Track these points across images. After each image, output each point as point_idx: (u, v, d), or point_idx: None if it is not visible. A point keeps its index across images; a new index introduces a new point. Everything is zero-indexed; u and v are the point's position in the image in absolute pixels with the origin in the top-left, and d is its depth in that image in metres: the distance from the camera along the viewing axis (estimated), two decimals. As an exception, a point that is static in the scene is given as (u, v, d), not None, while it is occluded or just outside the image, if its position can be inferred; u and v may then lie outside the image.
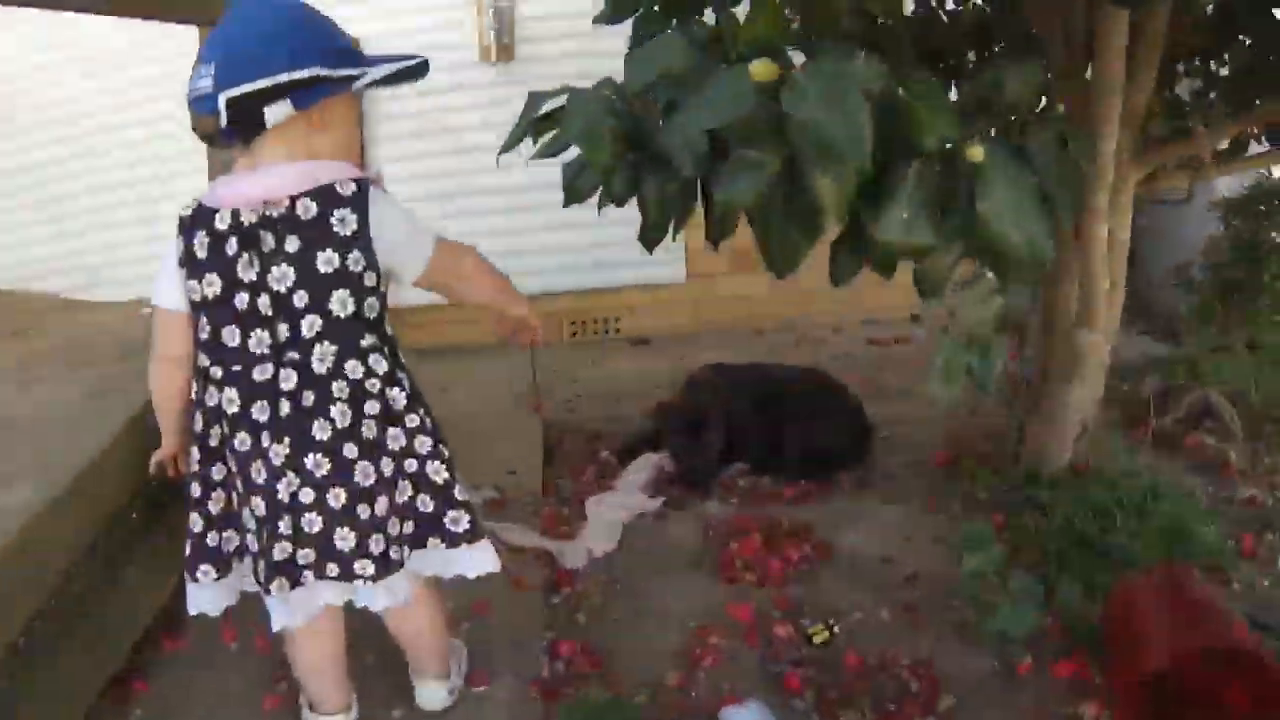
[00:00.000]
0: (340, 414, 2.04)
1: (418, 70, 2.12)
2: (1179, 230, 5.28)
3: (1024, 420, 3.71)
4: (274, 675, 2.61)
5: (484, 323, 2.48)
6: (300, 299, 1.99)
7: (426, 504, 2.22)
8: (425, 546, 2.26)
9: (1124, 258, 3.36)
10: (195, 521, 2.20)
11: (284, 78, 1.89)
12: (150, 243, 5.75)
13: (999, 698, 2.59)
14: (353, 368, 2.05)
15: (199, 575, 2.21)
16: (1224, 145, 3.58)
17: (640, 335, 6.04)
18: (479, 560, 2.30)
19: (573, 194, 2.64)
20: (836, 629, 2.84)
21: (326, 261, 1.97)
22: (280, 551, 2.08)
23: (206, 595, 2.24)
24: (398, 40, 5.61)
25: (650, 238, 3.00)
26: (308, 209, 1.96)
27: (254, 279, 1.99)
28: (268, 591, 2.13)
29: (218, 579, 2.22)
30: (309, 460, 2.04)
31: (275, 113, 1.92)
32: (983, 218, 2.12)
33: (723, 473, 3.97)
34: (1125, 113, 3.05)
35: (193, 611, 2.26)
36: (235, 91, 1.89)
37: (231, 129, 1.94)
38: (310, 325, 2.01)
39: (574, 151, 2.45)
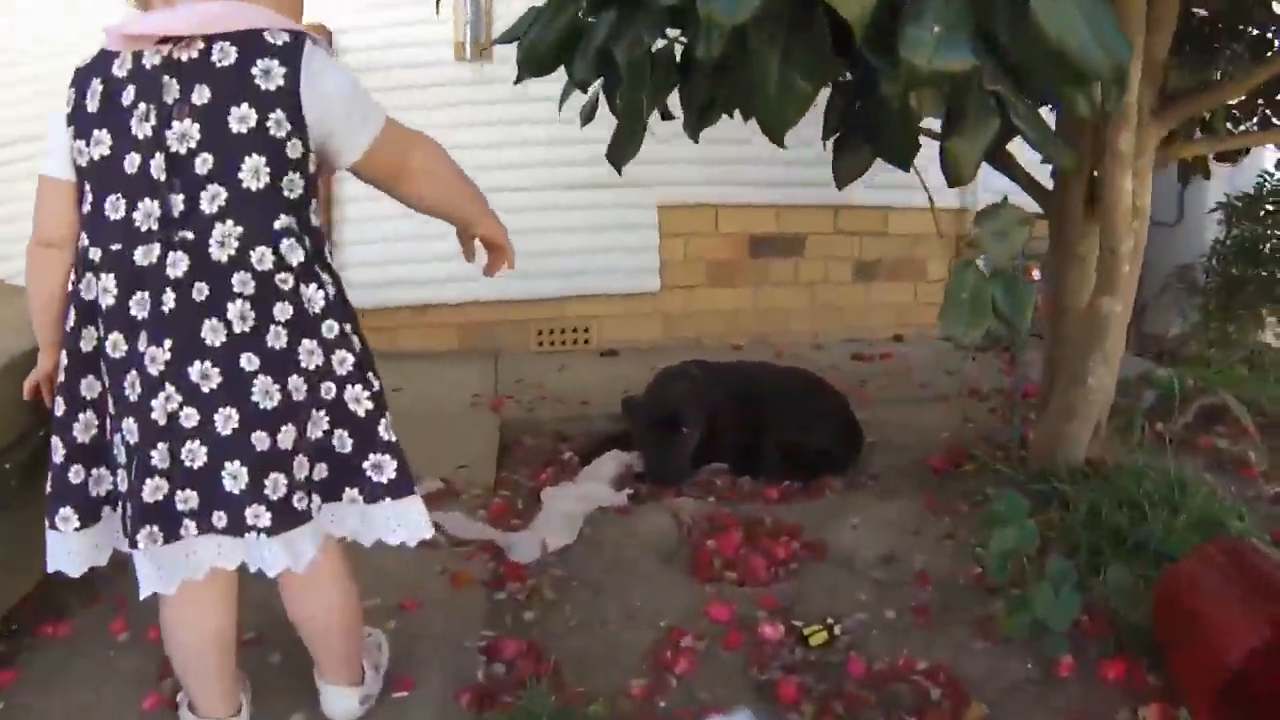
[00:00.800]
0: (239, 314, 1.65)
1: None
2: (1168, 251, 5.09)
3: (1032, 417, 3.41)
4: (161, 670, 2.17)
5: (446, 328, 2.16)
6: (203, 163, 1.63)
7: (344, 442, 1.80)
8: (339, 499, 1.84)
9: (1145, 221, 3.02)
10: (56, 449, 1.77)
11: None
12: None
13: (1039, 704, 2.15)
14: (260, 256, 1.66)
15: (58, 521, 1.77)
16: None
17: (609, 347, 5.69)
18: (406, 520, 1.85)
19: (529, 64, 2.46)
20: (837, 630, 2.38)
21: (241, 119, 1.62)
22: (152, 491, 1.66)
23: (66, 548, 1.79)
24: (370, 35, 5.39)
25: (622, 146, 2.64)
26: (225, 54, 1.62)
27: (149, 135, 1.64)
28: (134, 544, 1.69)
29: (80, 528, 1.78)
30: (194, 370, 1.65)
31: None
32: (1037, 21, 1.69)
33: (698, 473, 3.54)
34: (1145, 61, 2.73)
35: (50, 568, 1.82)
36: None
37: None
38: (212, 198, 1.64)
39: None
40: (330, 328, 1.75)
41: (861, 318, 6.25)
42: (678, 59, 2.48)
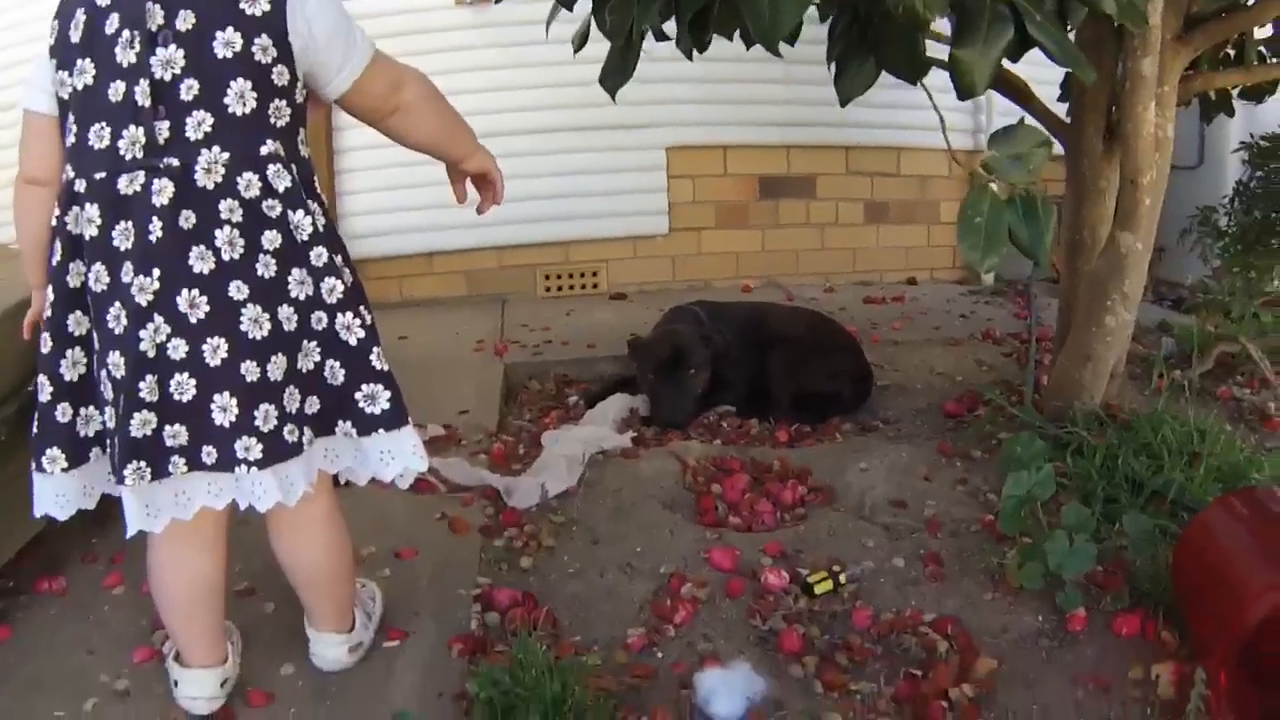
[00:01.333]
0: (228, 241, 1.62)
1: None
2: (1188, 195, 4.95)
3: (1047, 361, 3.26)
4: (154, 623, 2.12)
5: (453, 275, 2.10)
6: (188, 89, 1.60)
7: (335, 373, 1.77)
8: (333, 433, 1.80)
9: (1168, 154, 2.91)
10: (44, 388, 1.72)
11: None
12: None
13: (1050, 660, 2.08)
14: (248, 182, 1.63)
15: (44, 463, 1.72)
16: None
17: (618, 290, 5.61)
18: (400, 451, 1.82)
19: None
20: (843, 577, 2.30)
21: (226, 44, 1.59)
22: (140, 425, 1.62)
23: (53, 490, 1.75)
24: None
25: (615, 69, 2.55)
26: None
27: (133, 62, 1.59)
28: (121, 480, 1.63)
29: (68, 469, 1.73)
30: (182, 299, 1.61)
31: None
32: None
33: (704, 415, 3.46)
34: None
35: (37, 512, 1.77)
36: None
37: None
38: (198, 124, 1.60)
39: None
40: (319, 255, 1.71)
41: (873, 260, 6.16)
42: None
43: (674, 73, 2.83)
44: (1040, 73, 2.94)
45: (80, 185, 1.64)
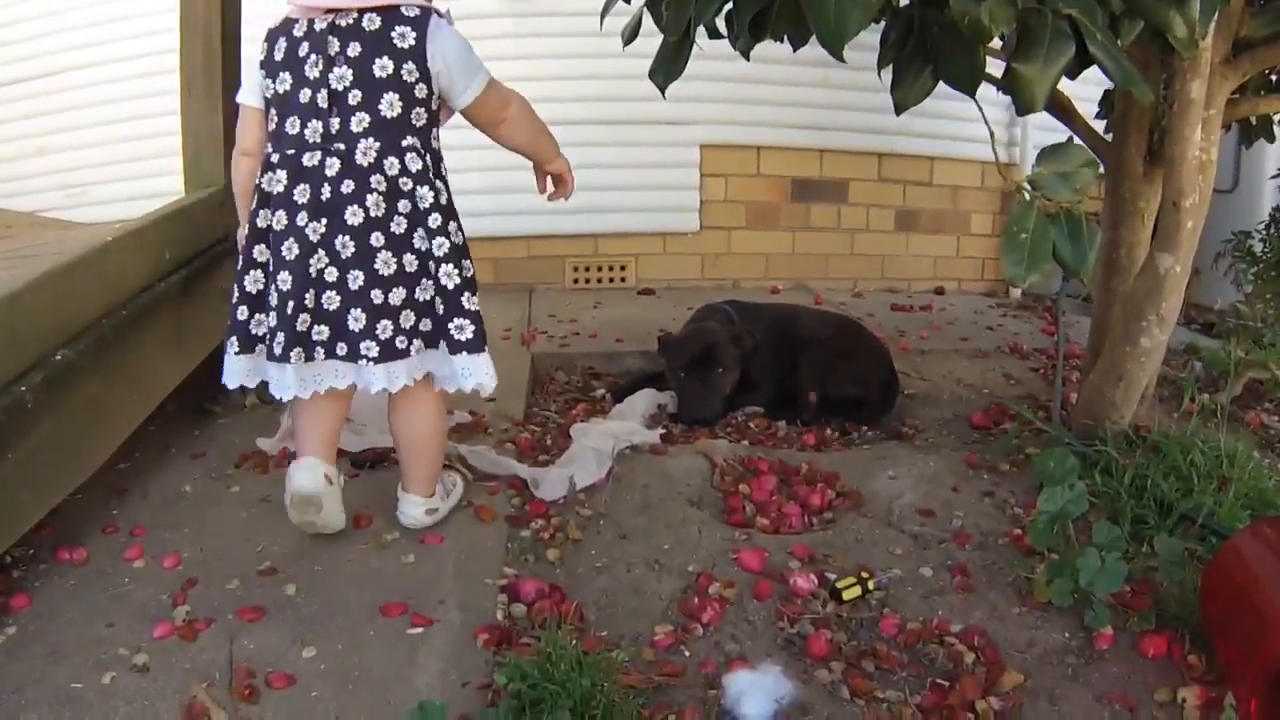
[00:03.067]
0: (374, 204, 2.20)
1: None
2: (1222, 218, 4.93)
3: (1075, 378, 3.23)
4: (175, 597, 2.16)
5: (481, 262, 2.63)
6: (354, 97, 2.19)
7: (438, 306, 2.31)
8: (436, 347, 2.34)
9: (1211, 178, 2.88)
10: (234, 294, 2.33)
11: None
12: (124, 164, 5.40)
13: (1076, 677, 2.07)
14: (390, 164, 2.21)
15: (229, 345, 2.33)
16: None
17: (646, 285, 5.62)
18: (475, 370, 2.34)
19: None
20: (871, 584, 2.30)
21: (382, 68, 2.18)
22: (301, 324, 2.21)
23: (234, 367, 2.33)
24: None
25: (666, 64, 2.55)
26: (372, 21, 2.18)
27: (317, 76, 2.19)
28: (286, 359, 2.21)
29: (239, 353, 2.32)
30: (338, 241, 2.20)
31: None
32: None
33: (733, 414, 3.46)
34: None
35: (226, 382, 2.35)
36: None
37: None
38: (359, 121, 2.19)
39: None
40: (434, 219, 2.27)
41: (902, 268, 6.15)
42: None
43: (711, 70, 2.83)
44: (1079, 89, 2.93)
45: (275, 158, 2.24)
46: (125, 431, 2.54)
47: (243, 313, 2.30)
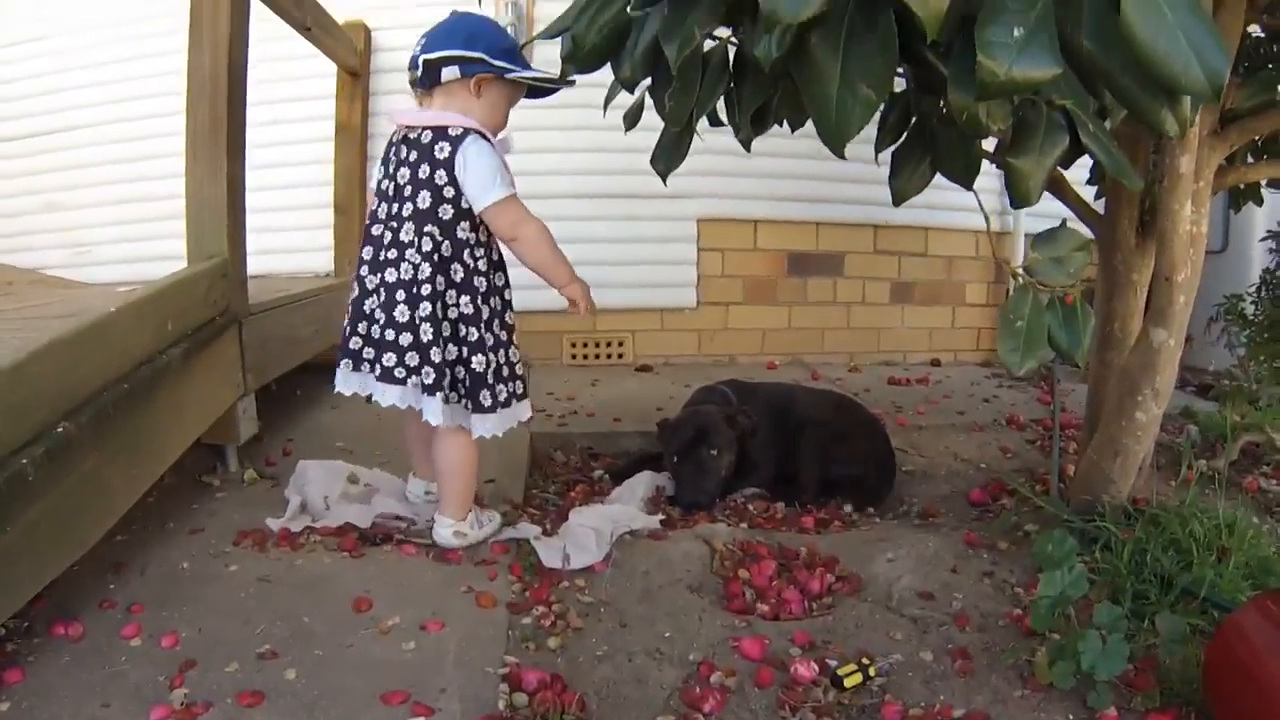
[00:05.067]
0: (404, 270, 2.71)
1: (555, 86, 2.80)
2: (1212, 280, 4.99)
3: (1072, 450, 3.25)
4: (173, 679, 2.12)
5: None
6: (406, 191, 2.72)
7: (461, 375, 2.78)
8: (446, 401, 2.76)
9: (1202, 249, 2.91)
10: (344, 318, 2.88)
11: (456, 53, 2.70)
12: (129, 225, 5.46)
13: (1081, 760, 2.05)
14: (421, 243, 2.71)
15: (338, 362, 2.84)
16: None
17: (644, 362, 5.64)
18: (484, 425, 2.81)
19: (574, 61, 2.46)
20: (872, 670, 2.29)
21: (424, 172, 2.70)
22: (354, 344, 2.80)
23: (341, 379, 2.83)
24: (409, 34, 5.36)
25: (668, 152, 2.59)
26: (426, 136, 2.71)
27: (390, 172, 2.78)
28: (341, 364, 2.82)
29: (339, 366, 2.83)
30: (382, 291, 2.74)
31: (447, 74, 2.71)
32: (1129, 26, 1.58)
33: (732, 496, 3.47)
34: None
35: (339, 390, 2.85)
36: (427, 55, 2.73)
37: (423, 80, 2.75)
38: (406, 208, 2.72)
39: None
40: (454, 296, 2.74)
41: (898, 340, 6.20)
42: (730, 59, 2.40)
43: (707, 145, 2.88)
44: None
45: (367, 224, 2.84)
46: (125, 505, 2.53)
47: (345, 332, 2.86)
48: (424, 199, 2.70)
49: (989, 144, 2.42)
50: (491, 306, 2.81)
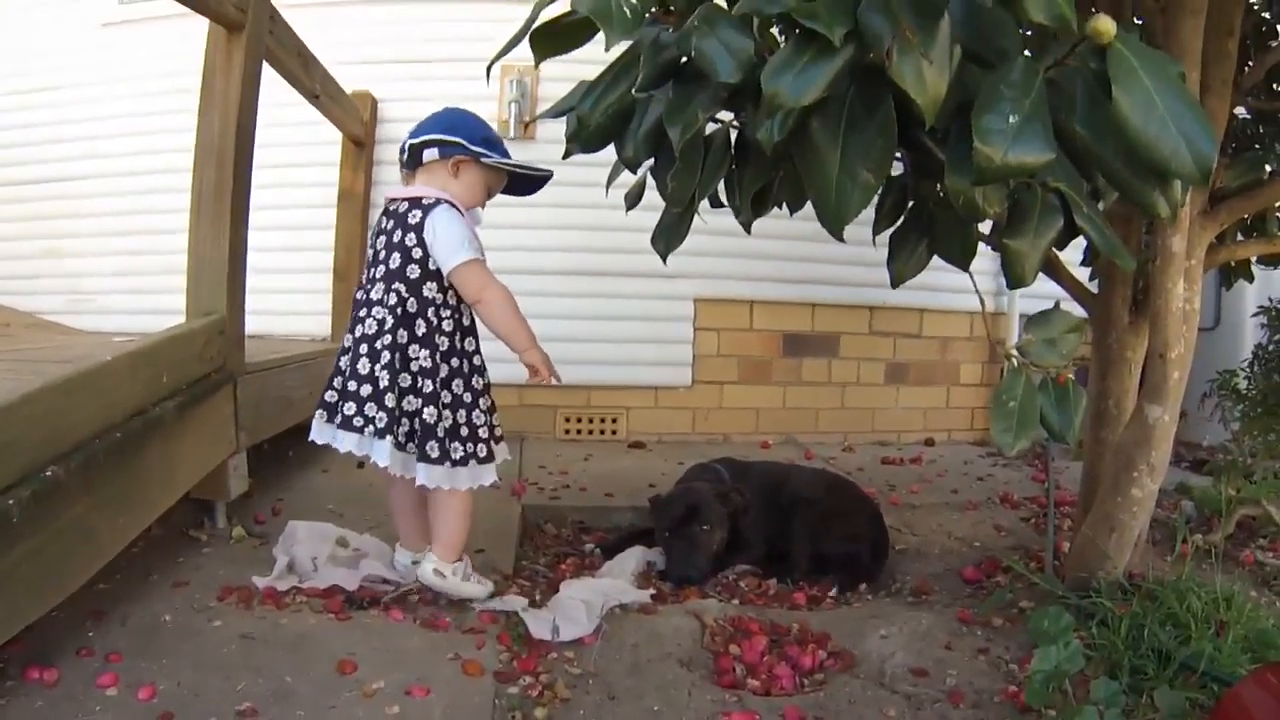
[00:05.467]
0: (377, 321, 2.81)
1: (537, 181, 3.06)
2: (1205, 356, 5.03)
3: (1066, 526, 3.22)
4: None
5: None
6: (382, 253, 2.88)
7: (416, 425, 2.82)
8: (401, 450, 2.82)
9: (1195, 326, 2.93)
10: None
11: (436, 136, 2.91)
12: (130, 276, 5.49)
13: (1078, 839, 2.00)
14: (390, 298, 2.81)
15: (315, 413, 2.90)
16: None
17: (637, 438, 5.63)
18: (430, 475, 2.82)
19: (578, 140, 2.48)
20: (864, 745, 2.25)
21: (399, 237, 2.84)
22: (330, 395, 2.87)
23: (315, 429, 2.89)
24: (413, 106, 5.45)
25: (669, 232, 2.61)
26: (403, 206, 2.88)
27: (372, 241, 2.96)
28: (316, 412, 2.90)
29: (315, 417, 2.89)
30: (362, 346, 2.82)
31: (428, 155, 2.91)
32: (1121, 113, 1.61)
33: (724, 573, 3.44)
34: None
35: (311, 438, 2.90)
36: (412, 140, 2.93)
37: (408, 162, 2.95)
38: (381, 270, 2.86)
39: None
40: (415, 350, 2.81)
41: (892, 420, 6.21)
42: (732, 142, 2.43)
43: (706, 225, 2.91)
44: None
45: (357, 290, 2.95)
46: (110, 554, 2.51)
47: (326, 387, 2.95)
48: (394, 260, 2.82)
49: (985, 226, 2.44)
50: (451, 365, 2.87)
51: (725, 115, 2.46)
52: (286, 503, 3.71)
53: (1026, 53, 1.77)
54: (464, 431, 2.84)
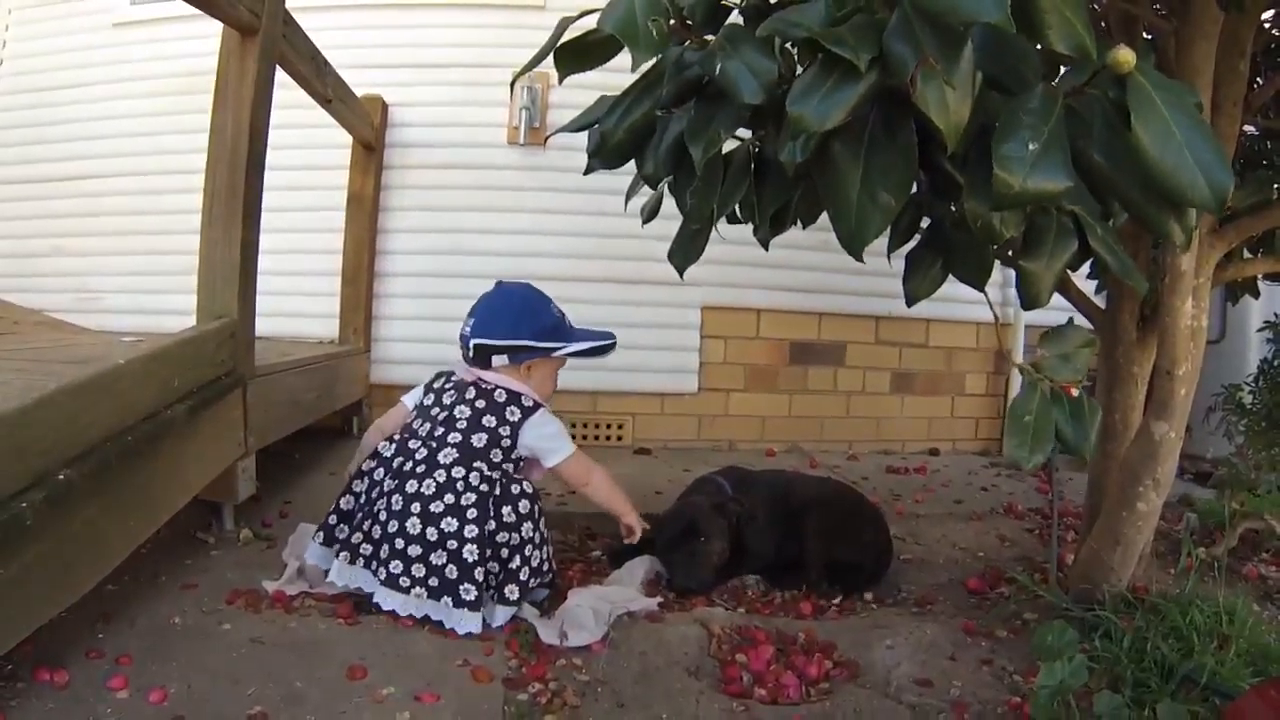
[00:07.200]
0: (437, 485, 2.87)
1: (606, 348, 3.23)
2: (1209, 370, 5.03)
3: (1070, 538, 3.25)
4: None
5: None
6: (461, 424, 2.99)
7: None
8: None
9: (1202, 343, 2.95)
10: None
11: (504, 342, 3.02)
12: (134, 275, 5.51)
13: None
14: (474, 479, 2.90)
15: (316, 536, 3.00)
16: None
17: (643, 445, 5.64)
18: (448, 617, 2.81)
19: (600, 157, 2.47)
20: (869, 756, 2.27)
21: (490, 422, 3.00)
22: (355, 537, 2.89)
23: (336, 570, 2.89)
24: (425, 111, 5.49)
25: (685, 247, 2.64)
26: (500, 395, 3.03)
27: (447, 403, 3.06)
28: (318, 535, 3.01)
29: (336, 558, 2.90)
30: (414, 505, 2.85)
31: (496, 360, 3.05)
32: (1138, 141, 1.63)
33: (730, 583, 3.45)
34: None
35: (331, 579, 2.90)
36: (478, 340, 3.05)
37: (474, 360, 3.08)
38: (457, 439, 2.97)
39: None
40: (504, 536, 2.89)
41: (897, 429, 6.21)
42: (752, 161, 2.45)
43: (715, 234, 2.93)
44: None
45: (386, 445, 3.03)
46: (120, 556, 2.52)
47: (334, 519, 3.02)
48: (478, 439, 2.94)
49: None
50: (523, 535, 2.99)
51: (744, 133, 2.48)
52: (294, 505, 3.73)
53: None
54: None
